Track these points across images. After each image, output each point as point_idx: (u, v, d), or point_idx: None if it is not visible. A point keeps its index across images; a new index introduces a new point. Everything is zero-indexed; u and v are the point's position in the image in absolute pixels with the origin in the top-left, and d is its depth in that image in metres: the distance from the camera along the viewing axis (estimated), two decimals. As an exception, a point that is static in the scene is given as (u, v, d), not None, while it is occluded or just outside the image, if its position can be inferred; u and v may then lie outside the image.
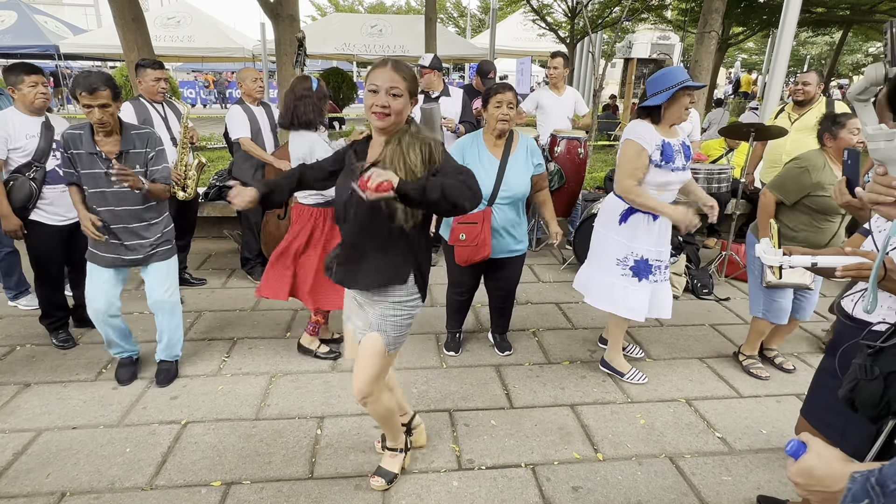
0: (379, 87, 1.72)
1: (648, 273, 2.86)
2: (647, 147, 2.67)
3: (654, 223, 2.81)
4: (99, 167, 2.59)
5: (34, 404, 2.71)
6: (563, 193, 4.72)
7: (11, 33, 13.25)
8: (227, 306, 3.88)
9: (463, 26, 27.97)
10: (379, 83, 1.72)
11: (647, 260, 2.84)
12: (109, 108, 2.51)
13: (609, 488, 2.25)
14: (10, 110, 3.04)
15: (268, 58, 10.90)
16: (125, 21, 5.41)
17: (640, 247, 2.84)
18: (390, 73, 1.72)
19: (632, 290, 2.87)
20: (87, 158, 2.58)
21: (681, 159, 2.75)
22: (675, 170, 2.72)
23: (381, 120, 1.74)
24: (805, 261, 1.53)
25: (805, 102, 4.29)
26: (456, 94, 4.55)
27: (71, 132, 2.60)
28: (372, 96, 1.73)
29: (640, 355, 3.32)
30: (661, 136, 2.70)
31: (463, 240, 2.87)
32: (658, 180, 2.74)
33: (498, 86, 2.86)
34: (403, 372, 3.07)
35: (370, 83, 1.74)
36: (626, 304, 2.88)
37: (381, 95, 1.72)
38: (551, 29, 14.41)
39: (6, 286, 3.75)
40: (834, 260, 1.45)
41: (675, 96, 2.62)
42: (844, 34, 16.36)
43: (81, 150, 2.58)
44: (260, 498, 2.15)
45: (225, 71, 23.65)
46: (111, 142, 2.62)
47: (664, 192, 2.78)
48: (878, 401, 1.21)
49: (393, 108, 1.73)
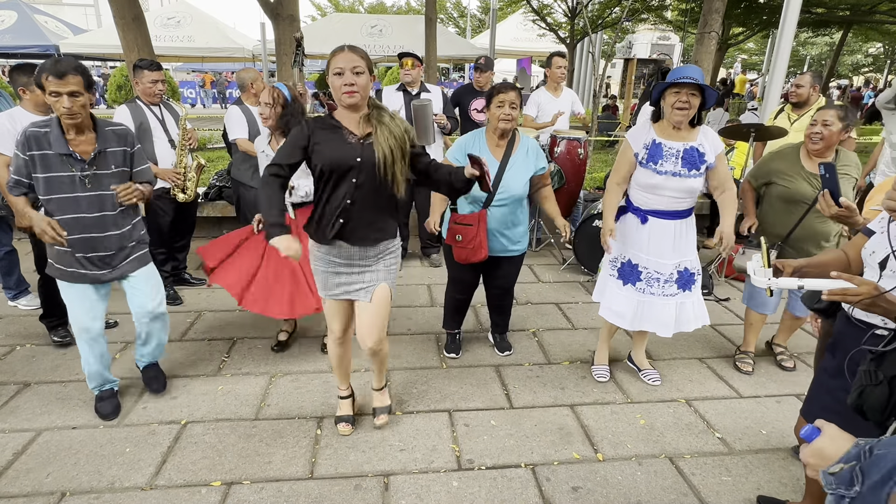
0: (343, 69, 1.97)
1: (636, 280, 2.79)
2: (632, 144, 2.70)
3: (644, 227, 2.73)
4: (70, 170, 2.28)
5: (34, 404, 2.71)
6: (563, 194, 4.72)
7: (11, 33, 13.23)
8: (227, 306, 3.88)
9: (463, 26, 27.97)
10: (342, 65, 1.97)
11: (637, 266, 2.78)
12: (80, 97, 2.19)
13: (609, 488, 2.25)
14: (17, 109, 3.05)
15: (268, 58, 10.90)
16: (125, 21, 5.41)
17: (628, 249, 2.81)
18: (350, 55, 1.99)
19: (616, 293, 2.85)
20: (56, 160, 2.26)
21: (674, 164, 2.59)
22: (661, 173, 2.60)
23: (351, 97, 2.00)
24: (792, 283, 1.58)
25: (801, 104, 4.32)
26: (435, 91, 4.54)
27: (35, 130, 2.25)
28: (338, 78, 1.98)
29: (656, 383, 3.02)
30: (654, 136, 2.64)
31: (459, 241, 2.86)
32: (644, 181, 2.67)
33: (501, 85, 2.84)
34: (403, 372, 3.07)
35: (334, 67, 1.98)
36: (610, 308, 2.88)
37: (347, 76, 1.97)
38: (551, 29, 14.43)
39: (6, 286, 3.75)
40: (820, 283, 1.49)
41: (664, 96, 2.57)
42: (844, 34, 16.36)
43: (49, 150, 2.25)
44: (260, 498, 2.15)
45: (225, 71, 23.65)
46: (86, 140, 2.31)
47: (652, 195, 2.68)
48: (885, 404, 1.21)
49: (359, 84, 1.99)
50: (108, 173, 2.38)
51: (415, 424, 2.63)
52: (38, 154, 2.26)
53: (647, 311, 2.80)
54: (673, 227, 2.71)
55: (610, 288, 2.89)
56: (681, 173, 2.60)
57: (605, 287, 2.93)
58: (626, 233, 2.79)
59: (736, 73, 26.68)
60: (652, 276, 2.76)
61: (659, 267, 2.75)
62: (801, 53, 28.47)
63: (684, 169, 2.60)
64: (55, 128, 2.27)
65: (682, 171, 2.60)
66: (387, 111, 2.13)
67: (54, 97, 2.17)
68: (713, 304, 4.17)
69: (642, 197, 2.73)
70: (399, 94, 4.41)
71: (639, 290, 2.79)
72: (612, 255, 2.85)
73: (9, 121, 2.95)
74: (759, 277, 1.63)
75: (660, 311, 2.78)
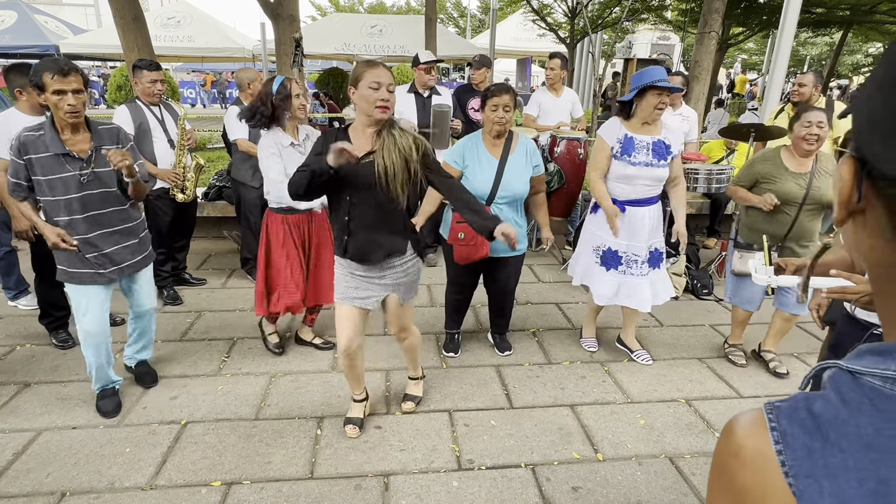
0: (381, 84, 1.99)
1: (617, 264, 3.06)
2: (607, 140, 2.94)
3: (623, 216, 2.95)
4: (69, 170, 2.28)
5: (34, 404, 2.71)
6: (562, 194, 4.72)
7: (11, 33, 13.22)
8: (227, 306, 3.88)
9: (463, 26, 27.97)
10: (382, 80, 1.99)
11: (617, 252, 3.04)
12: (82, 94, 2.22)
13: (609, 488, 2.25)
14: (12, 111, 3.03)
15: (268, 58, 10.89)
16: (125, 21, 5.41)
17: (608, 237, 3.03)
18: (387, 72, 2.02)
19: (599, 277, 3.12)
20: (53, 161, 2.26)
21: (646, 155, 2.87)
22: (635, 164, 2.87)
23: (384, 112, 2.02)
24: (793, 281, 1.61)
25: (802, 104, 4.30)
26: (445, 94, 4.55)
27: (28, 135, 2.25)
28: (374, 92, 1.99)
29: (648, 362, 3.24)
30: (625, 131, 2.89)
31: (461, 238, 2.87)
32: (619, 172, 2.93)
33: (496, 88, 2.85)
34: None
35: (372, 80, 1.99)
36: (595, 290, 3.16)
37: (383, 91, 2.00)
38: (551, 29, 14.42)
39: (5, 286, 3.75)
40: (821, 282, 1.54)
41: (643, 95, 2.79)
42: (844, 35, 16.36)
43: (45, 153, 2.25)
44: (260, 498, 2.15)
45: (225, 71, 23.64)
46: (81, 139, 2.32)
47: (628, 185, 2.95)
48: None
49: (391, 101, 2.03)
50: (106, 171, 2.39)
51: (415, 424, 2.63)
52: (35, 158, 2.26)
53: (627, 290, 3.09)
54: (647, 213, 2.99)
55: (595, 274, 3.14)
56: (651, 163, 2.90)
57: (591, 273, 3.16)
58: (603, 223, 3.03)
59: (736, 73, 26.67)
60: (630, 259, 3.05)
61: (636, 250, 3.03)
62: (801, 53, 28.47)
63: (654, 159, 2.89)
64: (49, 130, 2.26)
65: (652, 162, 2.89)
66: (397, 126, 2.13)
67: (58, 95, 2.17)
68: (713, 303, 4.17)
69: (619, 188, 2.99)
70: (411, 97, 4.42)
71: (620, 273, 3.07)
72: (595, 243, 3.11)
73: (3, 123, 2.94)
74: (761, 276, 1.66)
75: (638, 289, 3.07)
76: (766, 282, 1.65)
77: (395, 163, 2.03)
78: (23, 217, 2.93)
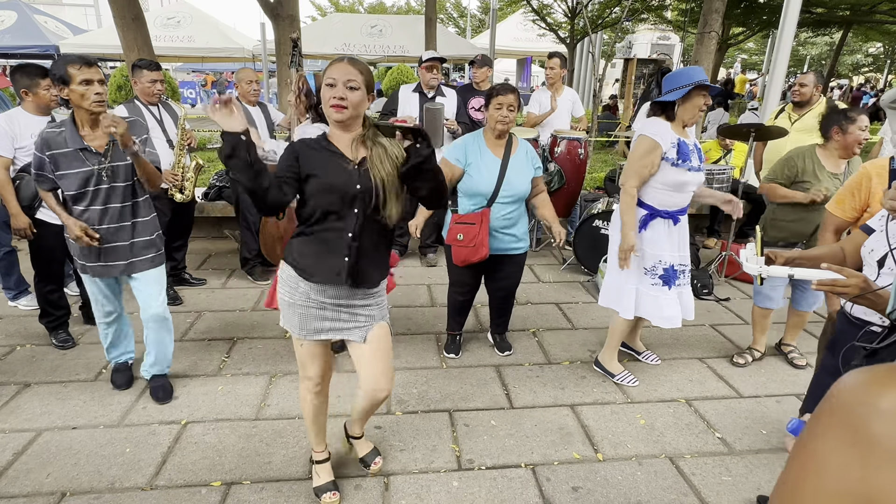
0: (336, 81, 1.72)
1: (675, 279, 2.81)
2: (662, 143, 2.61)
3: (675, 228, 2.77)
4: (89, 164, 2.37)
5: (34, 404, 2.71)
6: (563, 194, 4.72)
7: (11, 33, 13.22)
8: (227, 306, 3.88)
9: (463, 26, 27.97)
10: (336, 76, 1.72)
11: (674, 266, 2.79)
12: (105, 85, 2.31)
13: (609, 488, 2.25)
14: (17, 110, 3.04)
15: (268, 58, 10.90)
16: (125, 21, 5.42)
17: (664, 254, 2.76)
18: (347, 67, 1.73)
19: (663, 299, 2.79)
20: (73, 156, 2.35)
21: (696, 159, 2.69)
22: (691, 170, 2.66)
23: (338, 112, 1.73)
24: (782, 272, 1.63)
25: (803, 104, 4.30)
26: (450, 95, 4.55)
27: (50, 131, 2.36)
28: (329, 90, 1.73)
29: (656, 362, 3.24)
30: (675, 134, 2.66)
31: (460, 240, 2.86)
32: (675, 179, 2.65)
33: (500, 87, 2.85)
34: (404, 372, 3.07)
35: (327, 77, 1.73)
36: (661, 314, 2.81)
37: (338, 88, 1.72)
38: (551, 29, 14.43)
39: (6, 286, 3.75)
40: (810, 273, 1.54)
41: (689, 95, 2.59)
42: (844, 34, 16.37)
43: (66, 148, 2.34)
44: (260, 498, 2.15)
45: (225, 71, 23.63)
46: (99, 134, 2.39)
47: (680, 194, 2.71)
48: None
49: (350, 100, 1.72)
50: (123, 164, 2.46)
51: (415, 424, 2.63)
52: (58, 153, 2.36)
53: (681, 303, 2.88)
54: (685, 220, 2.84)
55: (653, 297, 2.79)
56: (701, 168, 2.72)
57: (647, 297, 2.81)
58: (658, 238, 2.75)
59: (736, 73, 26.68)
60: (682, 271, 2.86)
61: (686, 260, 2.86)
62: (801, 53, 28.48)
63: (700, 163, 2.72)
64: (69, 126, 2.36)
65: (699, 166, 2.71)
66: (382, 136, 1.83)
67: (85, 86, 2.25)
68: (713, 303, 4.17)
69: (669, 198, 2.70)
70: (415, 96, 4.42)
71: (677, 287, 2.84)
72: (649, 263, 2.77)
73: (6, 122, 2.94)
74: (751, 265, 1.70)
75: (687, 299, 2.90)
76: (756, 271, 1.68)
77: (389, 174, 1.79)
78: (21, 215, 2.96)
